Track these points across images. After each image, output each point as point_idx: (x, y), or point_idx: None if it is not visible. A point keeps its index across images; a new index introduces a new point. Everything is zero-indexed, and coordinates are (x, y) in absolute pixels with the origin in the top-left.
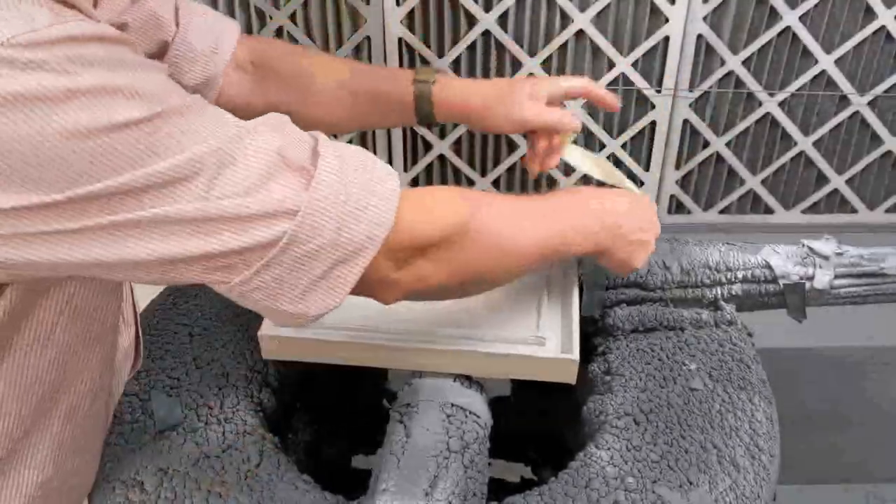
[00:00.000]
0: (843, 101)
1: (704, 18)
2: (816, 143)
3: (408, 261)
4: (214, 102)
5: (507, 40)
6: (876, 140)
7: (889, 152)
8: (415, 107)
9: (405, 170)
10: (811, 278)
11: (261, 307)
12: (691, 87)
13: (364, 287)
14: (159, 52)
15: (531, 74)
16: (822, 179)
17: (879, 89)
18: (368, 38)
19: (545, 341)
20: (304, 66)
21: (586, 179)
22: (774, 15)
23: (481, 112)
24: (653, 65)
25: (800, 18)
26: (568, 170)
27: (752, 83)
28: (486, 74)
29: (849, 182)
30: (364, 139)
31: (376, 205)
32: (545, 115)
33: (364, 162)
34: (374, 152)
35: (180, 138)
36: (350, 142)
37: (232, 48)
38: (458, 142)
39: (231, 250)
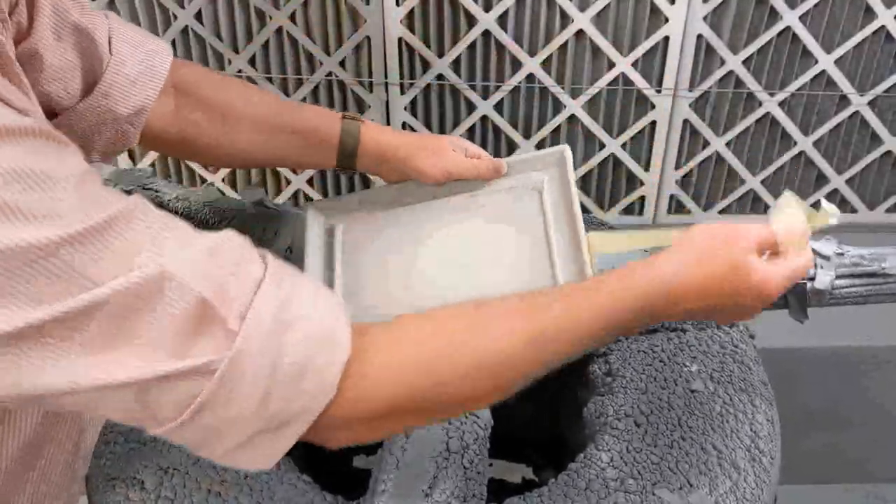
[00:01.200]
0: (843, 100)
1: (704, 18)
2: (816, 143)
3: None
4: (142, 129)
5: (507, 40)
6: (876, 140)
7: (889, 152)
8: (339, 144)
9: None
10: (812, 279)
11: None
12: (691, 87)
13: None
14: (92, 81)
15: (531, 73)
16: (822, 179)
17: (879, 89)
18: (368, 38)
19: None
20: (226, 95)
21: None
22: (774, 15)
23: (405, 156)
24: (653, 64)
25: (800, 18)
26: None
27: (752, 83)
28: (485, 75)
29: (849, 182)
30: None
31: (312, 378)
32: (463, 164)
33: (309, 312)
34: None
35: (91, 267)
36: None
37: (164, 75)
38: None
39: (136, 407)
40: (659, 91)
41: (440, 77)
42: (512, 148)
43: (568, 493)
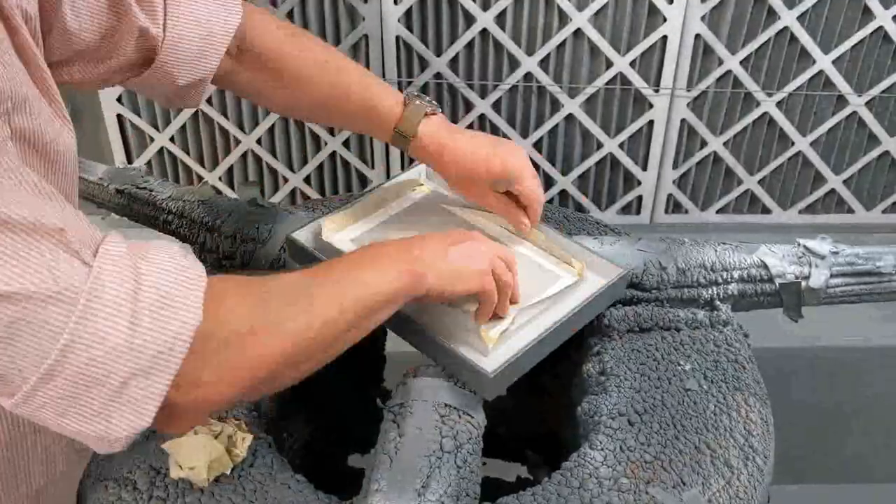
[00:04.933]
0: (841, 101)
1: (702, 18)
2: (814, 144)
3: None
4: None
5: (505, 39)
6: (873, 140)
7: (886, 153)
8: (394, 130)
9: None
10: (807, 278)
11: (60, 430)
12: (689, 87)
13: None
14: (145, 61)
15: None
16: (819, 179)
17: (877, 90)
18: (366, 35)
19: (489, 352)
20: (293, 62)
21: None
22: (772, 15)
23: (449, 171)
24: (651, 64)
25: (798, 18)
26: None
27: (749, 83)
28: (483, 74)
29: (846, 182)
30: (361, 140)
31: (178, 299)
32: (495, 206)
33: (160, 253)
34: (372, 154)
35: None
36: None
37: (224, 45)
38: None
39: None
40: (657, 91)
41: (438, 76)
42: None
43: (561, 492)
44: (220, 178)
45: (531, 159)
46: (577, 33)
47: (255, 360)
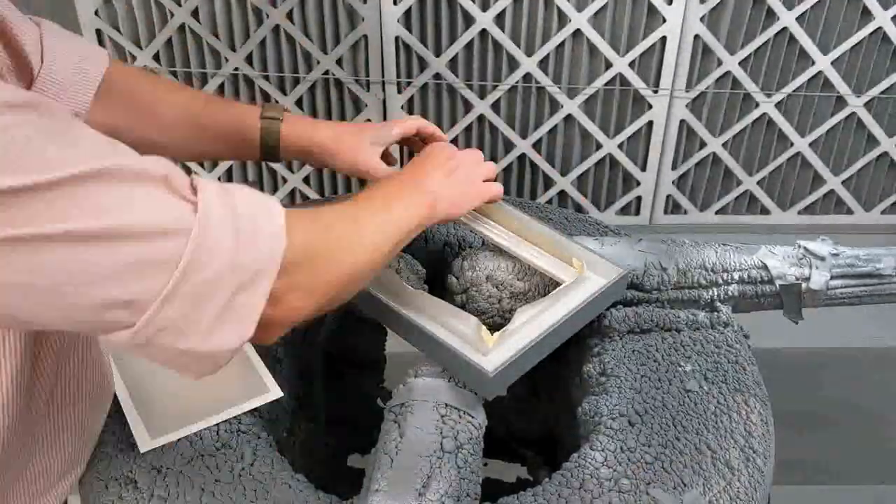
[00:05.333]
0: (840, 102)
1: (701, 19)
2: (813, 144)
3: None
4: None
5: (505, 39)
6: (872, 141)
7: (885, 154)
8: (260, 142)
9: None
10: (807, 279)
11: (171, 355)
12: (688, 88)
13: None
14: (25, 86)
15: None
16: (818, 180)
17: (876, 91)
18: (365, 36)
19: (489, 351)
20: (152, 95)
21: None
22: (771, 16)
23: (323, 154)
24: (650, 65)
25: (797, 19)
26: None
27: (748, 84)
28: (482, 74)
29: (845, 183)
30: None
31: (266, 223)
32: (377, 169)
33: (243, 190)
34: None
35: (61, 153)
36: None
37: (98, 80)
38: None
39: (129, 272)
40: (656, 91)
41: (437, 76)
42: (508, 147)
43: (562, 493)
44: (219, 178)
45: (529, 159)
46: (577, 34)
47: (330, 277)
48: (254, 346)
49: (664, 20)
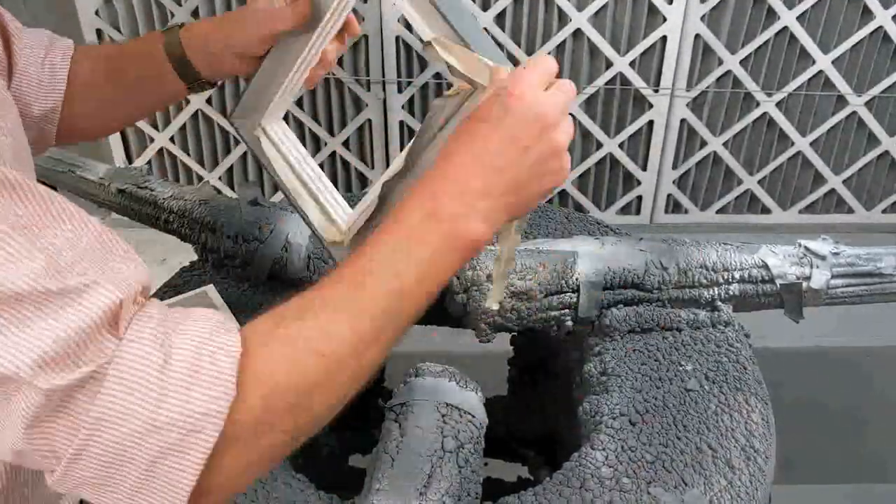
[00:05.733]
0: (841, 101)
1: (702, 18)
2: (814, 144)
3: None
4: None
5: (505, 39)
6: (873, 140)
7: (886, 153)
8: (170, 59)
9: None
10: (808, 278)
11: None
12: (689, 87)
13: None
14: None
15: None
16: (819, 180)
17: (877, 90)
18: (366, 36)
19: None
20: (79, 67)
21: None
22: (772, 15)
23: (222, 40)
24: (650, 64)
25: (797, 18)
26: None
27: (749, 83)
28: None
29: (846, 182)
30: (361, 140)
31: (209, 369)
32: (271, 18)
33: (196, 322)
34: (372, 154)
35: None
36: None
37: (66, 70)
38: None
39: (30, 437)
40: (656, 91)
41: (437, 76)
42: None
43: (563, 492)
44: (219, 178)
45: None
46: (577, 33)
47: (300, 431)
48: None
49: (665, 19)
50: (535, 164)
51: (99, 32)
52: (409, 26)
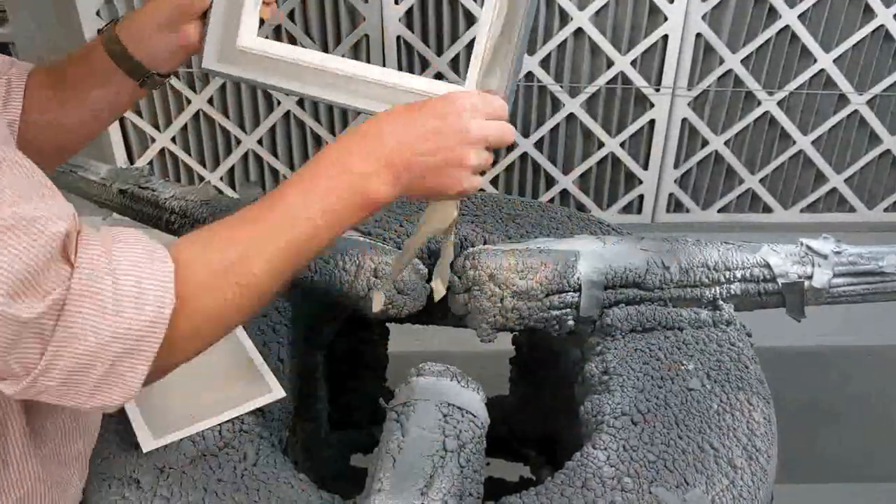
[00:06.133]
0: (842, 100)
1: (703, 17)
2: (815, 142)
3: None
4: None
5: None
6: (875, 139)
7: (888, 151)
8: (111, 56)
9: None
10: (810, 277)
11: (57, 403)
12: (690, 86)
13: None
14: None
15: None
16: (820, 178)
17: (878, 88)
18: (367, 36)
19: None
20: (31, 80)
21: None
22: (773, 14)
23: (165, 24)
24: (652, 63)
25: (799, 17)
26: None
27: (750, 82)
28: None
29: (848, 181)
30: None
31: (151, 285)
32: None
33: (128, 242)
34: None
35: None
36: None
37: (23, 83)
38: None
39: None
40: (658, 90)
41: (439, 75)
42: (511, 147)
43: (565, 492)
44: (221, 178)
45: (531, 158)
46: (578, 32)
47: (224, 328)
48: (255, 346)
49: (666, 18)
50: (442, 163)
51: (99, 33)
52: (410, 26)
